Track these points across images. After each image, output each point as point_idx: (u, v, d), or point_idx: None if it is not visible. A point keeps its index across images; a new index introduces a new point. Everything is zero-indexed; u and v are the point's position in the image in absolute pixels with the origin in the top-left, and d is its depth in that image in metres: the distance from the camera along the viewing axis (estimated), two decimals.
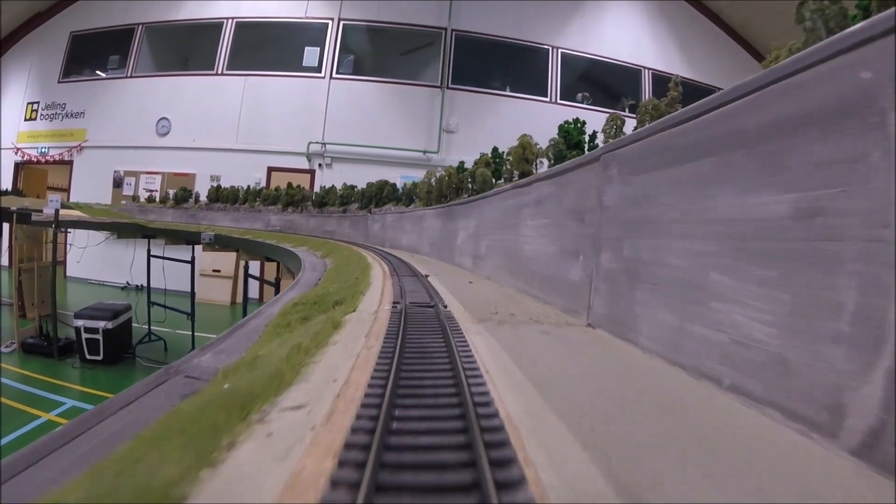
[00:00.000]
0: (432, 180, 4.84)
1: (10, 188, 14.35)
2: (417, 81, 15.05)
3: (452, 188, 4.12)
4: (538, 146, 2.99)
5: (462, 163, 4.47)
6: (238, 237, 6.86)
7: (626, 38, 15.58)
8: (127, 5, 15.87)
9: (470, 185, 3.77)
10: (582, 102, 14.94)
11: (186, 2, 15.54)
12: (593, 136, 2.33)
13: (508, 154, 2.99)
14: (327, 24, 14.94)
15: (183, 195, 10.63)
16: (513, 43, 15.14)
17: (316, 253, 4.96)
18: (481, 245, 3.31)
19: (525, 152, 2.85)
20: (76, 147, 15.51)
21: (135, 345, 8.67)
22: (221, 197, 9.97)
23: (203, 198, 10.59)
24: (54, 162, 15.99)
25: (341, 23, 14.95)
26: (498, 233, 2.98)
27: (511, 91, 15.15)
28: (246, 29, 15.23)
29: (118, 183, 15.09)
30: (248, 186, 9.86)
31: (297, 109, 14.52)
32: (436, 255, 4.77)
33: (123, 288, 14.37)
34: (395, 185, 6.98)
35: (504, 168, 3.01)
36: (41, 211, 8.63)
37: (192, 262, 8.52)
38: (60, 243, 15.77)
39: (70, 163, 15.68)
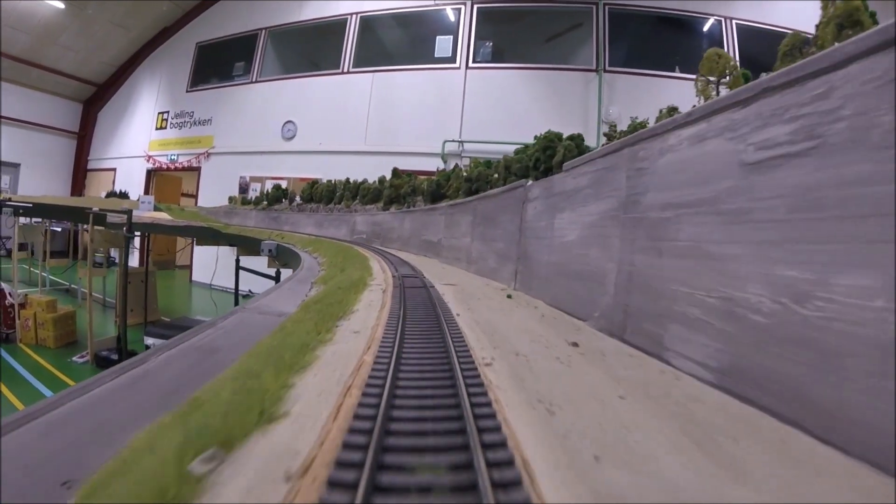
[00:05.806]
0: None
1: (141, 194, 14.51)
2: (568, 66, 12.68)
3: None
4: None
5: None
6: (299, 250, 4.74)
7: (808, 7, 11.75)
8: (249, 13, 15.83)
9: None
10: None
11: (308, 2, 15.01)
12: None
13: None
14: (459, 9, 13.47)
15: (275, 195, 9.17)
16: (677, 15, 12.47)
17: None
18: None
19: None
20: (203, 154, 15.56)
21: None
22: (315, 195, 8.19)
23: (297, 198, 8.95)
24: (183, 169, 16.40)
25: (475, 7, 13.24)
26: None
27: (680, 72, 12.04)
28: (371, 23, 14.31)
29: (244, 189, 14.68)
30: (347, 180, 7.90)
31: (431, 105, 12.99)
32: None
33: (246, 296, 13.72)
34: (580, 136, 3.09)
35: None
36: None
37: (276, 278, 6.42)
38: (184, 249, 15.71)
39: (198, 169, 15.79)
